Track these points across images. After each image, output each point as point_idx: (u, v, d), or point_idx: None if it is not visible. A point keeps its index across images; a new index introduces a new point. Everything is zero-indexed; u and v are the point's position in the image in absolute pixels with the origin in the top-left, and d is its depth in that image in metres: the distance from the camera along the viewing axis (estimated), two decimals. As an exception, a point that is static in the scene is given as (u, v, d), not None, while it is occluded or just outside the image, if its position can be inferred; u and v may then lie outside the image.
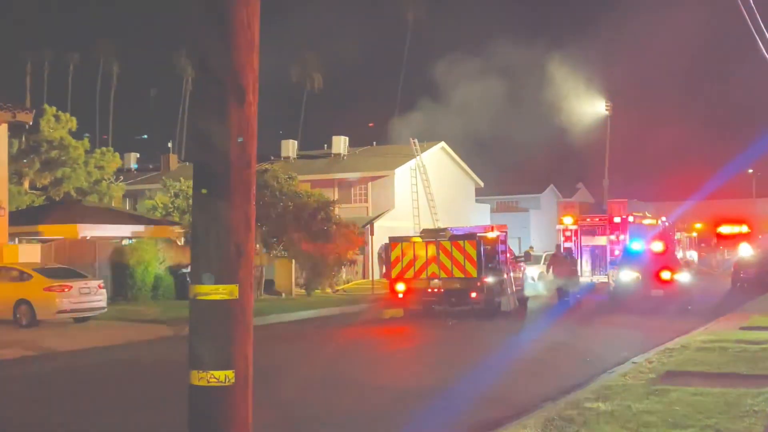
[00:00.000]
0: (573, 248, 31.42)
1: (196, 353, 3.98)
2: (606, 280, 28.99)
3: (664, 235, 31.93)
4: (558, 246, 27.02)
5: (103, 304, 18.69)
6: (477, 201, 47.87)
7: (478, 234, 21.79)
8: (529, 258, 26.32)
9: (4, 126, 22.32)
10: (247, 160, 4.07)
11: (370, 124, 57.35)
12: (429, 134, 43.14)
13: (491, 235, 22.26)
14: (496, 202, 54.42)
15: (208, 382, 3.93)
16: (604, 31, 54.16)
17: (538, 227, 51.74)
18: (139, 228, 26.96)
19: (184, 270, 24.42)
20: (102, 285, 18.87)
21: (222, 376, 3.93)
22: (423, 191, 40.58)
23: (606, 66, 50.51)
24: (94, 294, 18.44)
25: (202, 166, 4.05)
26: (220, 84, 4.03)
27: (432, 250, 20.75)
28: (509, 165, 51.63)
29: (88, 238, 25.09)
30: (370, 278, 30.94)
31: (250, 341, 4.05)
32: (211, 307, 3.95)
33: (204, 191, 3.99)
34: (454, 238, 20.93)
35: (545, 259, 37.24)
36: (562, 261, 25.02)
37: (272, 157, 43.46)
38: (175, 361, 12.16)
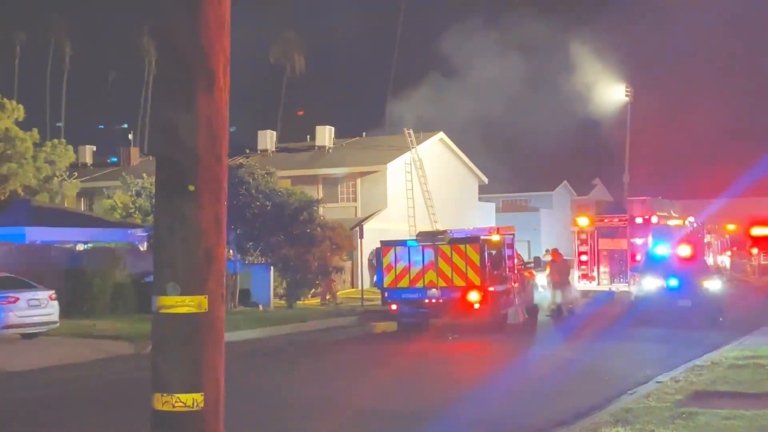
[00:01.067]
0: (578, 252, 31.29)
1: (160, 374, 3.97)
2: (626, 288, 29.03)
3: (693, 238, 31.99)
4: (554, 251, 26.73)
5: (55, 317, 18.62)
6: (480, 199, 47.95)
7: (481, 237, 21.82)
8: (539, 264, 26.36)
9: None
10: (218, 153, 4.07)
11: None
12: (426, 124, 43.19)
13: (496, 238, 22.29)
14: (502, 201, 54.47)
15: (174, 406, 3.92)
16: (626, 3, 54.24)
17: (550, 229, 51.86)
18: (96, 231, 26.88)
19: (148, 279, 24.38)
20: (54, 296, 18.81)
21: (189, 400, 3.92)
22: (419, 188, 40.64)
23: (626, 44, 50.63)
24: (44, 306, 18.37)
25: (167, 161, 4.05)
26: (187, 67, 4.02)
27: (429, 255, 20.77)
28: (517, 159, 51.73)
29: (37, 242, 25.00)
30: (360, 287, 30.97)
31: (221, 360, 4.05)
32: (176, 321, 3.95)
33: (179, 189, 3.98)
34: (455, 242, 20.95)
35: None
36: (561, 268, 24.86)
37: (248, 150, 43.43)
38: (137, 382, 12.12)
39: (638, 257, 29.79)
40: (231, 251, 25.91)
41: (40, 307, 18.29)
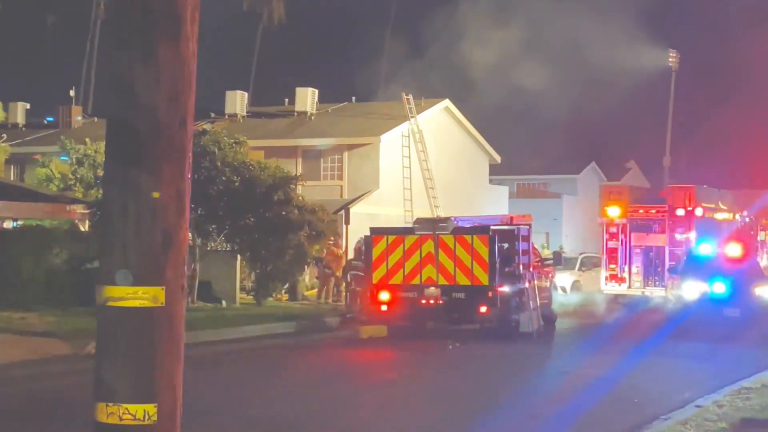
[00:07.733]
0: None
1: (105, 380, 3.97)
2: (663, 293, 29.20)
3: (744, 235, 32.14)
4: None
5: (-24, 309, 18.61)
6: (492, 182, 48.05)
7: (491, 226, 21.87)
8: (560, 261, 26.44)
9: None
10: (182, 116, 4.06)
11: None
12: (429, 91, 43.13)
13: (510, 228, 22.34)
14: (517, 185, 54.53)
15: (121, 419, 3.92)
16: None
17: (574, 219, 52.07)
18: (28, 206, 26.82)
19: (89, 265, 24.37)
20: (-26, 283, 18.79)
21: (140, 412, 3.92)
22: (418, 167, 40.67)
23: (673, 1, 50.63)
24: (-37, 295, 18.34)
25: (120, 125, 4.03)
26: (146, 8, 4.00)
27: (428, 247, 20.81)
28: (536, 135, 51.76)
29: (-44, 218, 24.96)
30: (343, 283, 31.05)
31: (179, 365, 4.05)
32: (126, 316, 3.94)
33: (133, 158, 3.97)
34: (459, 232, 21.00)
35: (581, 263, 37.65)
36: None
37: (213, 114, 43.35)
38: (75, 390, 12.10)
39: (678, 256, 29.94)
40: (190, 235, 25.91)
41: (-42, 295, 18.26)
